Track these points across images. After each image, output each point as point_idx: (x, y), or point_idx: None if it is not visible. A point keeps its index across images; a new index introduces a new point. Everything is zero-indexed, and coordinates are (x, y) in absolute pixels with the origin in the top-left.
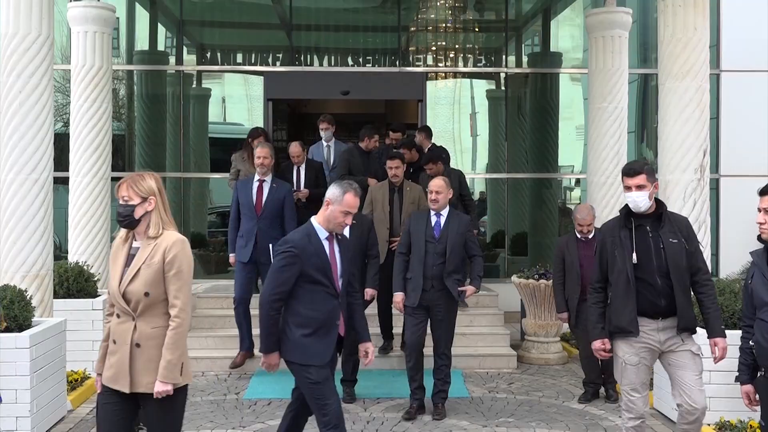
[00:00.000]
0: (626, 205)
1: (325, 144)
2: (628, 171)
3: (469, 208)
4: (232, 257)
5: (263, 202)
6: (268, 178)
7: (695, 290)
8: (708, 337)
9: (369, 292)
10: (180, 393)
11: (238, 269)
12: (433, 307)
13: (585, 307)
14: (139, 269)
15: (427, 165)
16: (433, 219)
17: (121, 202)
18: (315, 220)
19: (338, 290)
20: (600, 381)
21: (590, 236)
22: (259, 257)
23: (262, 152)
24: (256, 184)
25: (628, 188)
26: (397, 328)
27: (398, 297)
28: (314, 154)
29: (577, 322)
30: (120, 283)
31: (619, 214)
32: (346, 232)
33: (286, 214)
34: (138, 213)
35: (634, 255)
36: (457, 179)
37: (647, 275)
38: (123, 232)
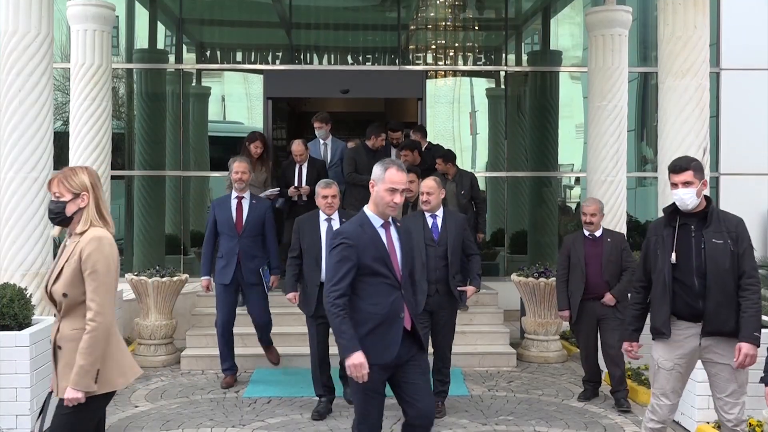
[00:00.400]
0: (673, 202)
1: (321, 142)
2: (675, 167)
3: (479, 212)
4: (204, 281)
5: (244, 219)
6: (247, 195)
7: (738, 294)
8: (738, 340)
9: None
10: (93, 402)
11: (220, 292)
12: (437, 311)
13: (587, 305)
14: (62, 269)
15: (438, 163)
16: (429, 221)
17: (52, 198)
18: (367, 209)
19: (400, 280)
20: (599, 379)
21: (597, 234)
22: (241, 278)
23: (239, 167)
24: (234, 202)
25: (674, 185)
26: None
27: None
28: (312, 152)
29: (578, 320)
30: (47, 282)
31: (663, 212)
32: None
33: (267, 233)
34: (70, 210)
35: (674, 254)
36: (469, 181)
37: (685, 276)
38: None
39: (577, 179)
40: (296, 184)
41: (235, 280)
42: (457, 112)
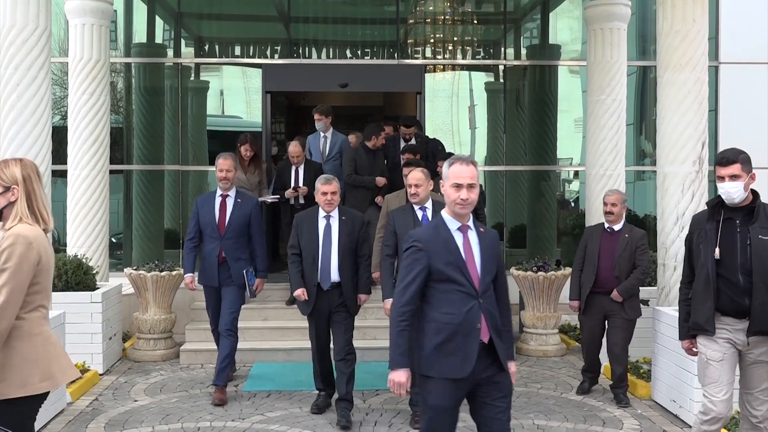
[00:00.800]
0: (718, 195)
1: (322, 135)
2: (721, 160)
3: (478, 217)
4: (188, 277)
5: (227, 219)
6: (232, 193)
7: None
8: None
9: (362, 297)
10: (14, 404)
11: (208, 295)
12: None
13: (595, 299)
14: None
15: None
16: (419, 213)
17: None
18: (444, 211)
19: (477, 289)
20: (598, 371)
21: (616, 228)
22: (223, 279)
23: (225, 164)
24: (218, 200)
25: (720, 178)
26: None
27: (388, 304)
28: (311, 144)
29: (585, 312)
30: None
31: (706, 205)
32: (335, 229)
33: (253, 233)
34: (0, 203)
35: (717, 250)
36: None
37: (729, 272)
38: None
39: (576, 173)
40: (293, 186)
41: (219, 282)
42: (455, 106)
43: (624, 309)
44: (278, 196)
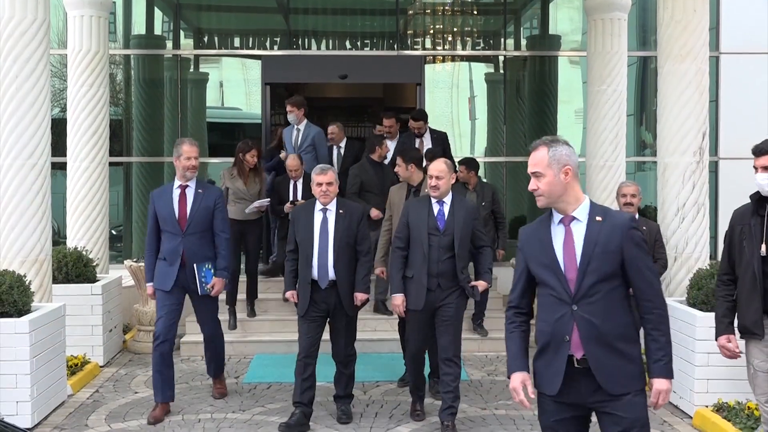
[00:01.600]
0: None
1: (294, 127)
2: (756, 150)
3: (500, 227)
4: (150, 287)
5: (188, 213)
6: (192, 183)
7: None
8: None
9: (359, 297)
10: None
11: (160, 299)
12: (440, 308)
13: None
14: None
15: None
16: (435, 207)
17: None
18: None
19: (572, 293)
20: None
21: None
22: (187, 283)
23: (192, 150)
24: (176, 193)
25: (755, 169)
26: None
27: (398, 299)
28: (285, 137)
29: None
30: None
31: (750, 199)
32: (332, 223)
33: (216, 226)
34: None
35: (764, 246)
36: (491, 194)
37: None
38: None
39: None
40: (291, 198)
41: (179, 284)
42: (455, 97)
43: None
44: (269, 200)
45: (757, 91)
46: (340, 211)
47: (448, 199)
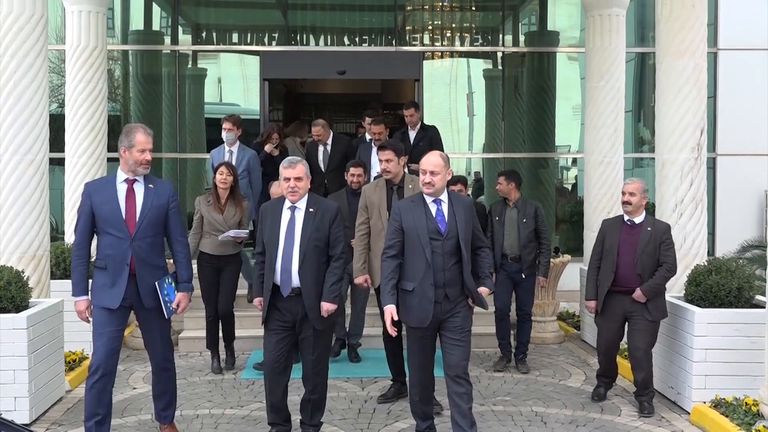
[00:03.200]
0: None
1: (227, 148)
2: None
3: (542, 250)
4: (82, 302)
5: (138, 213)
6: (141, 177)
7: None
8: None
9: (325, 307)
10: None
11: (100, 320)
12: (447, 321)
13: (614, 298)
14: None
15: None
16: (433, 207)
17: None
18: None
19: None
20: (615, 375)
21: (637, 221)
22: (137, 299)
23: (148, 142)
24: (122, 187)
25: None
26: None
27: (389, 311)
28: (214, 158)
29: (602, 312)
30: None
31: None
32: (300, 221)
33: (172, 230)
34: None
35: None
36: (533, 211)
37: None
38: None
39: (574, 160)
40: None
41: (127, 302)
42: (454, 93)
43: (647, 310)
44: (246, 231)
45: (756, 87)
46: (311, 209)
47: (444, 197)
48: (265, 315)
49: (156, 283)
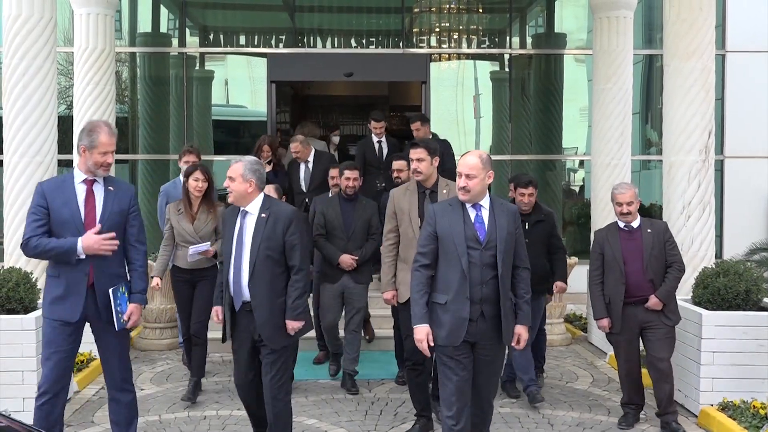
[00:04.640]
0: None
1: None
2: None
3: (557, 262)
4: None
5: (98, 216)
6: (100, 178)
7: None
8: None
9: (290, 325)
10: None
11: (54, 336)
12: (480, 342)
13: (628, 311)
14: None
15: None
16: (472, 213)
17: None
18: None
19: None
20: (643, 401)
21: (635, 225)
22: (95, 312)
23: (112, 142)
24: (81, 188)
25: None
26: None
27: (422, 332)
28: (170, 195)
29: (622, 330)
30: None
31: None
32: (250, 228)
33: (131, 236)
34: None
35: None
36: (551, 220)
37: None
38: None
39: (581, 162)
40: None
41: (84, 315)
42: (461, 95)
43: (665, 315)
44: (208, 244)
45: (764, 89)
46: (263, 215)
47: (485, 202)
48: (230, 330)
49: (110, 290)
